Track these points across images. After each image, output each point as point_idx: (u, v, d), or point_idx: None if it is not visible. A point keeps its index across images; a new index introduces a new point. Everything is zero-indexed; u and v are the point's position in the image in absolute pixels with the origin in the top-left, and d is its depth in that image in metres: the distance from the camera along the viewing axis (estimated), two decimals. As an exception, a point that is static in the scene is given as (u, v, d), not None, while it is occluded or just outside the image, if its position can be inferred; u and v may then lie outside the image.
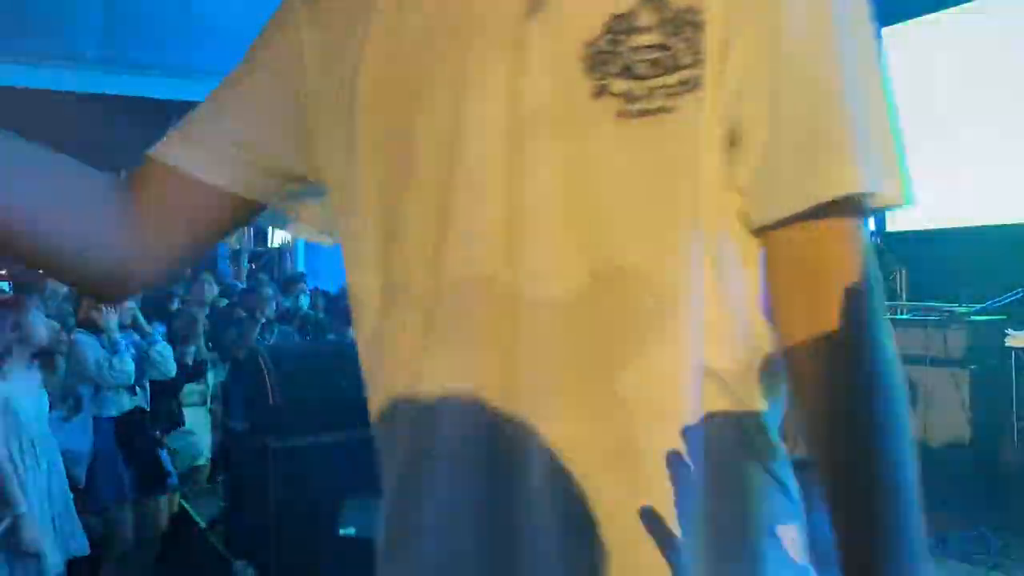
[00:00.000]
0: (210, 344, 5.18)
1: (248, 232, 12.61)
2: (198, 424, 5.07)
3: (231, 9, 8.91)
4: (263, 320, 5.18)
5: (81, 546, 3.41)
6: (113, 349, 3.74)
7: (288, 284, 6.17)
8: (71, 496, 3.40)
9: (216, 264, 8.44)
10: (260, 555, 3.56)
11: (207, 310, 5.58)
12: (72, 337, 3.76)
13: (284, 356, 3.90)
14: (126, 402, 3.94)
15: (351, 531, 3.03)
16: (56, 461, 3.36)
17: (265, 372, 3.66)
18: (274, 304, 5.38)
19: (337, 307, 5.81)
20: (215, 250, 8.57)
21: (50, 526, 3.29)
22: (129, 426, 3.96)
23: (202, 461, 5.04)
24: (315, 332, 5.81)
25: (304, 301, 6.31)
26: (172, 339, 4.57)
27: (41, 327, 3.38)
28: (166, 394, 4.39)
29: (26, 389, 3.30)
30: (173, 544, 4.33)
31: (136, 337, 3.98)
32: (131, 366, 3.78)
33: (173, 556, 4.23)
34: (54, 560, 3.24)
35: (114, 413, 3.84)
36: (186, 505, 4.58)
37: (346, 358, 4.10)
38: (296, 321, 5.75)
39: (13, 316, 3.28)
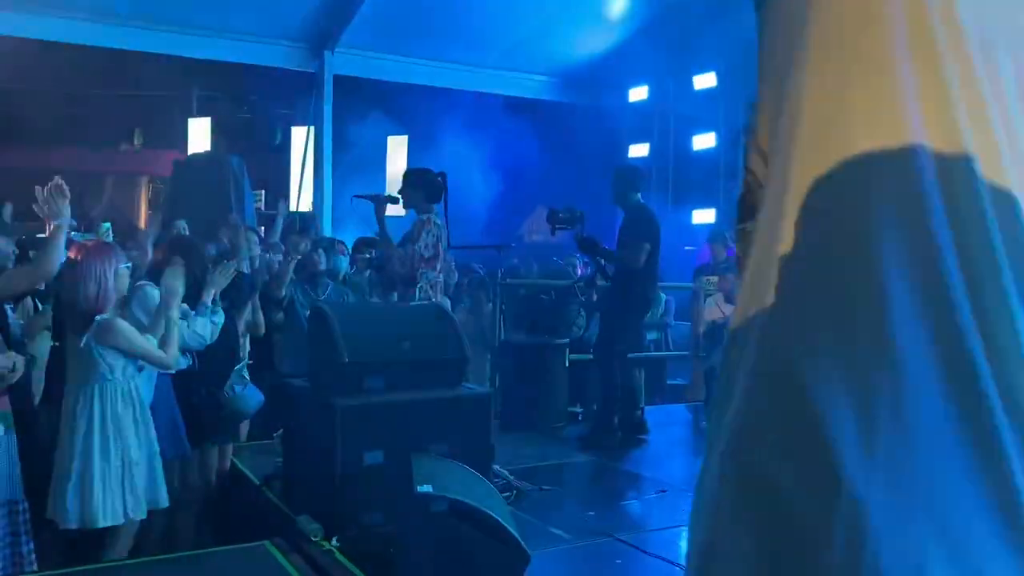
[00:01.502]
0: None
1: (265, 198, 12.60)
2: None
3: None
4: (297, 258, 5.15)
5: (162, 499, 3.45)
6: (198, 312, 3.76)
7: (328, 246, 6.16)
8: (156, 448, 3.44)
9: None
10: (323, 511, 3.60)
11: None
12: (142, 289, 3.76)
13: (350, 316, 3.93)
14: (182, 361, 3.96)
15: (428, 488, 3.06)
16: (147, 412, 3.41)
17: (333, 331, 3.68)
18: (322, 261, 5.39)
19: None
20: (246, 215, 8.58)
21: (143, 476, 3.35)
22: (187, 380, 3.99)
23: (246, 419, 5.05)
24: (358, 294, 5.83)
25: (343, 263, 6.31)
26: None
27: (126, 276, 3.41)
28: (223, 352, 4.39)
29: None
30: (227, 500, 4.37)
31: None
32: (208, 331, 3.80)
33: (228, 511, 4.27)
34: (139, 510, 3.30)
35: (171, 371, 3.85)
36: (236, 461, 4.61)
37: (407, 321, 4.13)
38: (338, 282, 5.77)
39: (113, 262, 3.32)
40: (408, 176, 5.25)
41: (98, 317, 3.27)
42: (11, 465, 3.20)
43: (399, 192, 5.13)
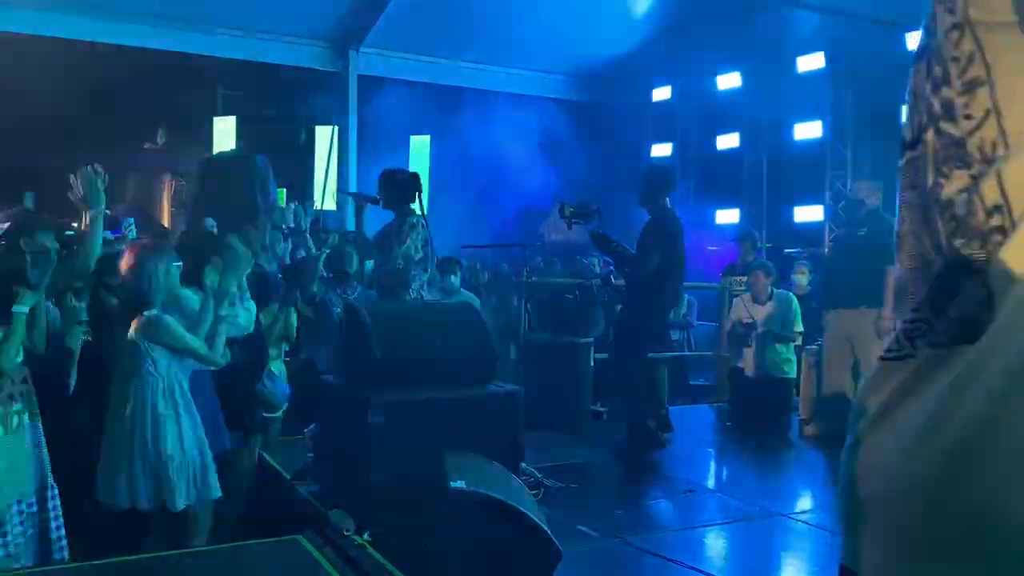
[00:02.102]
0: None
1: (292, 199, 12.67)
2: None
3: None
4: (327, 251, 5.19)
5: (214, 490, 3.49)
6: (231, 302, 3.80)
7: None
8: (206, 441, 3.49)
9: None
10: (356, 505, 3.63)
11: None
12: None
13: (382, 313, 3.96)
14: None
15: (461, 484, 3.09)
16: (192, 407, 3.46)
17: (366, 328, 3.72)
18: (353, 262, 5.44)
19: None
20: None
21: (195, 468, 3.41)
22: (218, 376, 4.03)
23: (277, 413, 5.09)
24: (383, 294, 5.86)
25: (368, 266, 6.35)
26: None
27: (176, 274, 3.48)
28: (254, 345, 4.44)
29: None
30: (257, 494, 4.41)
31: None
32: (245, 318, 3.84)
33: (259, 506, 4.31)
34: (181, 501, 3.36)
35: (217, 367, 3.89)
36: (266, 456, 4.65)
37: (437, 319, 4.16)
38: (365, 281, 5.80)
39: (164, 259, 3.38)
40: (382, 177, 5.34)
41: (147, 313, 3.33)
42: (39, 453, 3.24)
43: (378, 193, 5.25)
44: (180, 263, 3.56)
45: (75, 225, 3.79)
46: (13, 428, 3.20)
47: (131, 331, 3.35)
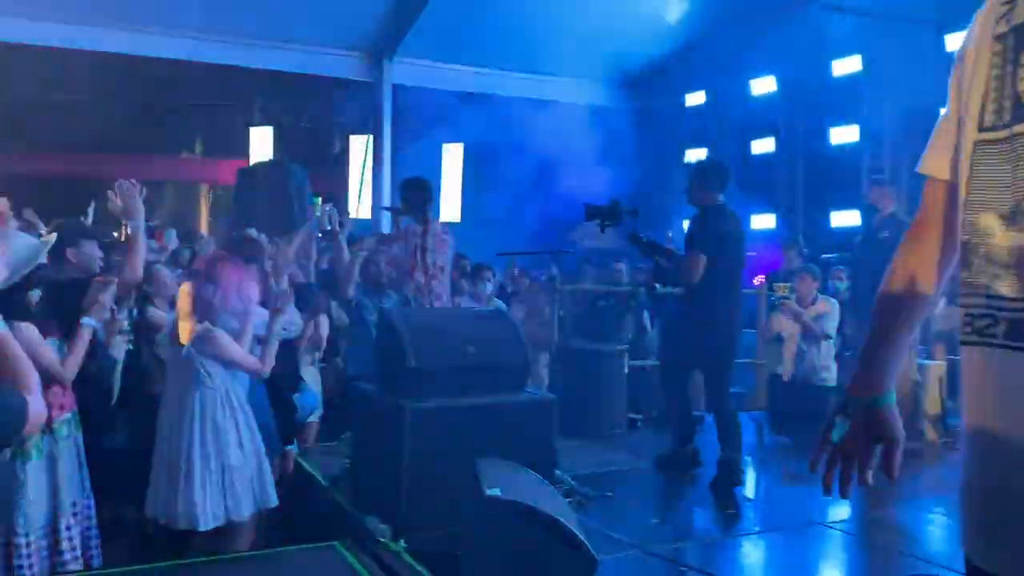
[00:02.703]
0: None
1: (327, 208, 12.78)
2: (308, 380, 5.19)
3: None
4: (363, 255, 5.24)
5: (271, 498, 3.56)
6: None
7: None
8: (263, 449, 3.54)
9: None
10: (390, 512, 3.66)
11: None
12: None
13: (416, 321, 3.99)
14: None
15: (497, 492, 3.09)
16: (250, 416, 3.51)
17: (400, 336, 3.74)
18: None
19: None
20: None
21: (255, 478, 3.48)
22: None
23: (312, 418, 5.13)
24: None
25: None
26: None
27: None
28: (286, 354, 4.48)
29: None
30: (294, 501, 4.45)
31: None
32: (290, 316, 3.88)
33: (296, 512, 4.35)
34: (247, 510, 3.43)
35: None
36: (302, 462, 4.69)
37: (470, 326, 4.17)
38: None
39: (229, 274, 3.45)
40: (406, 186, 5.59)
41: (199, 327, 3.38)
42: (79, 466, 3.30)
43: (401, 201, 5.48)
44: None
45: (115, 234, 3.86)
46: (63, 437, 3.27)
47: (185, 342, 3.42)
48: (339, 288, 5.01)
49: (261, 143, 13.26)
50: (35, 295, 3.13)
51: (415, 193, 5.39)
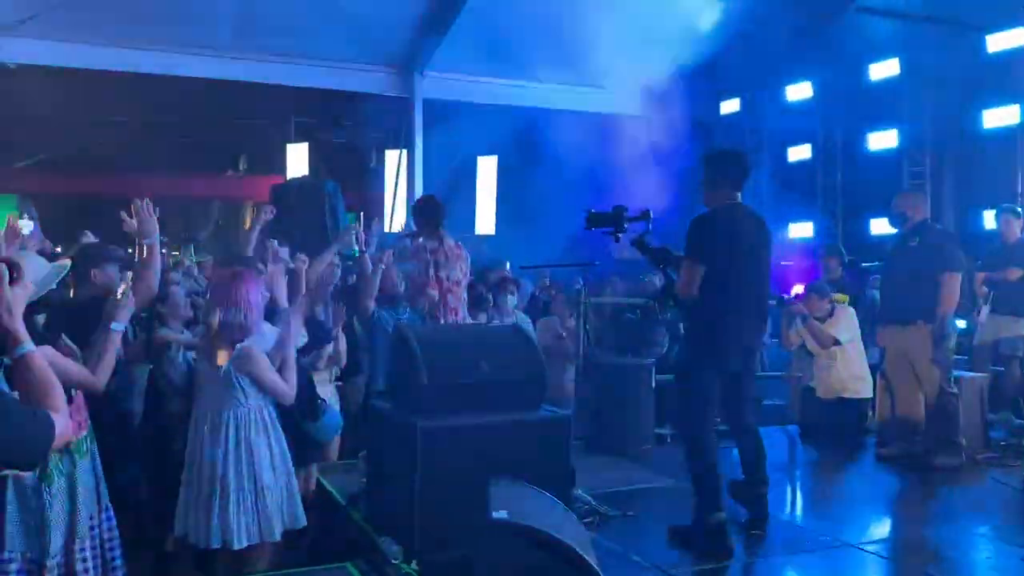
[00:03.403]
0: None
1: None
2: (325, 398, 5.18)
3: (353, 1, 9.11)
4: (382, 267, 5.23)
5: (300, 518, 3.57)
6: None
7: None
8: (292, 470, 3.57)
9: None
10: (404, 532, 3.61)
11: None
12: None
13: (430, 338, 3.95)
14: None
15: (503, 515, 3.03)
16: (281, 436, 3.52)
17: (415, 352, 3.70)
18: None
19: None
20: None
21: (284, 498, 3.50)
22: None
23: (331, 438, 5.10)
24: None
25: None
26: None
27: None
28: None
29: None
30: (313, 518, 4.43)
31: None
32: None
33: (314, 530, 4.33)
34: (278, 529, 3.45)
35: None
36: (323, 481, 4.68)
37: (486, 342, 4.12)
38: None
39: (254, 290, 3.47)
40: (416, 207, 5.63)
41: (239, 345, 3.39)
42: (97, 480, 3.32)
43: (415, 222, 5.49)
44: (268, 293, 3.64)
45: (129, 251, 3.90)
46: (83, 453, 3.30)
47: (223, 361, 3.43)
48: (358, 304, 5.00)
49: (298, 159, 13.44)
50: (40, 319, 3.15)
51: (426, 212, 5.44)
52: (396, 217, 11.69)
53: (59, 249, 6.40)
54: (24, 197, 15.67)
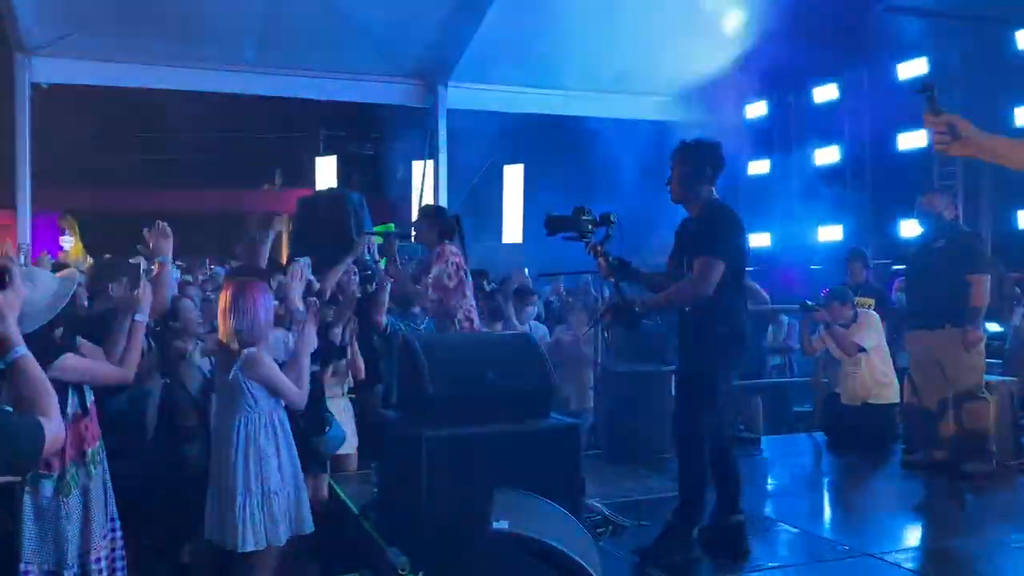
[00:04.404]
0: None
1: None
2: (337, 411, 5.19)
3: (377, 14, 9.18)
4: (391, 281, 5.23)
5: (307, 525, 3.60)
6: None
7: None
8: (302, 476, 3.61)
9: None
10: (411, 542, 3.60)
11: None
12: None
13: (436, 347, 3.94)
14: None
15: (504, 525, 3.00)
16: (291, 440, 3.57)
17: (420, 362, 3.70)
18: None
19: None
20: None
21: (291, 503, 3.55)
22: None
23: (349, 449, 5.11)
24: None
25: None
26: None
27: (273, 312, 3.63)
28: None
29: None
30: (326, 529, 4.45)
31: None
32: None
33: (327, 540, 4.34)
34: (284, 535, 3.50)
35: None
36: (338, 490, 4.69)
37: (494, 351, 4.10)
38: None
39: (263, 299, 3.52)
40: (424, 212, 5.62)
41: (246, 351, 3.44)
42: (106, 492, 3.36)
43: (413, 225, 5.51)
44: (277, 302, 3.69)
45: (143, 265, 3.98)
46: (95, 466, 3.35)
47: (233, 368, 3.47)
48: (370, 316, 5.01)
49: (326, 172, 13.61)
50: (58, 332, 3.21)
51: (424, 222, 5.54)
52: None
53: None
54: (64, 215, 16.04)
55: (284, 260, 16.62)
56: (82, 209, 15.99)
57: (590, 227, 3.98)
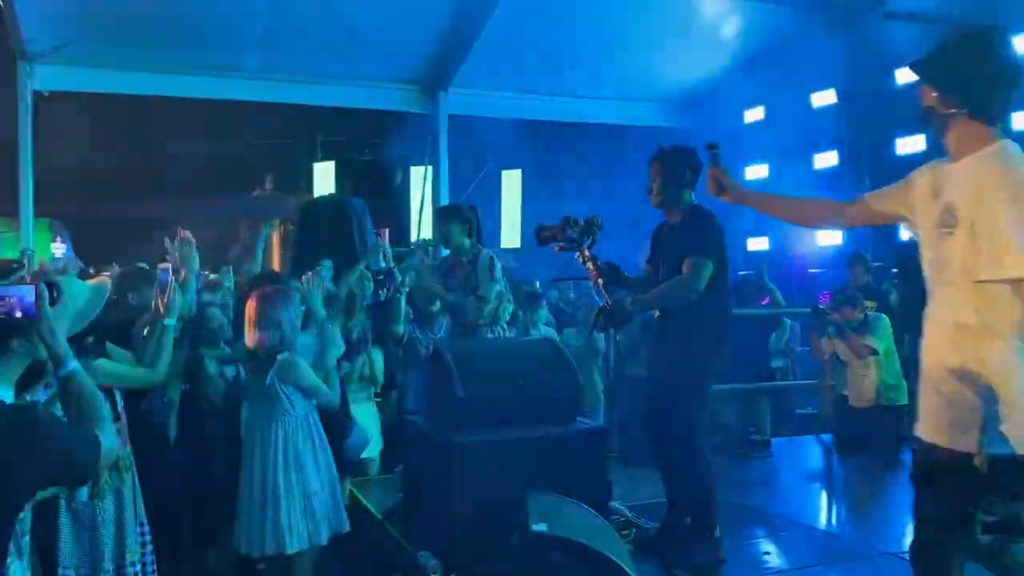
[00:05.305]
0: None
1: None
2: (361, 416, 5.21)
3: (377, 20, 9.19)
4: (406, 291, 5.24)
5: (344, 524, 3.68)
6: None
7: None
8: (337, 476, 3.68)
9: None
10: (442, 547, 3.63)
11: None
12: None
13: (465, 352, 3.98)
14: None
15: (543, 527, 3.04)
16: (325, 442, 3.63)
17: (449, 367, 3.73)
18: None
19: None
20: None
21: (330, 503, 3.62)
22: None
23: (372, 453, 5.15)
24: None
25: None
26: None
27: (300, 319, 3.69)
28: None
29: None
30: (351, 533, 4.46)
31: None
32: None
33: (353, 545, 4.36)
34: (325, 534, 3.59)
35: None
36: (359, 495, 4.71)
37: (521, 356, 4.14)
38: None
39: (291, 306, 3.56)
40: (445, 214, 5.66)
41: (280, 356, 3.47)
42: (136, 496, 3.37)
43: (439, 229, 5.50)
44: (304, 307, 3.73)
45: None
46: (127, 468, 3.37)
47: (269, 374, 3.53)
48: (390, 323, 5.04)
49: (324, 177, 13.58)
50: (90, 340, 3.22)
51: (470, 218, 5.54)
52: (422, 234, 11.75)
53: (92, 271, 6.51)
54: (56, 220, 15.93)
55: (276, 265, 16.64)
56: (76, 215, 15.91)
57: (576, 236, 3.96)
